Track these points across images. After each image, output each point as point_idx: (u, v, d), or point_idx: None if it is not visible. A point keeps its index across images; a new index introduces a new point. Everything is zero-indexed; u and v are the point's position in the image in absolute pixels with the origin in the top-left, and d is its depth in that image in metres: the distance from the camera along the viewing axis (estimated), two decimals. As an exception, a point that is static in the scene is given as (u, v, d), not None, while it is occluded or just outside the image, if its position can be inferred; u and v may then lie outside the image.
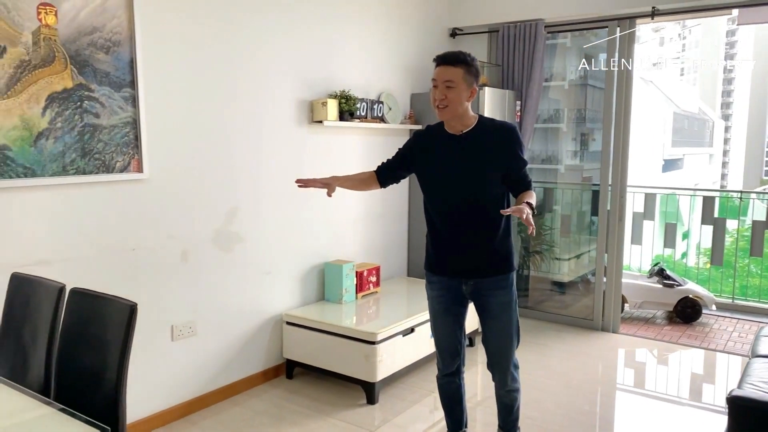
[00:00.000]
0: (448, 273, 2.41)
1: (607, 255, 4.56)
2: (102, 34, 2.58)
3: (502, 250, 2.37)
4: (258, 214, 3.39)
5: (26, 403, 1.46)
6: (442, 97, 2.21)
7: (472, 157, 2.28)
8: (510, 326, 2.41)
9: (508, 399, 2.54)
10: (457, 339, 2.51)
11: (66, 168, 2.50)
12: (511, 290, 2.40)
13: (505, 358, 2.45)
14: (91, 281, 2.54)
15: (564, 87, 5.57)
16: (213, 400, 3.22)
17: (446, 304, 2.46)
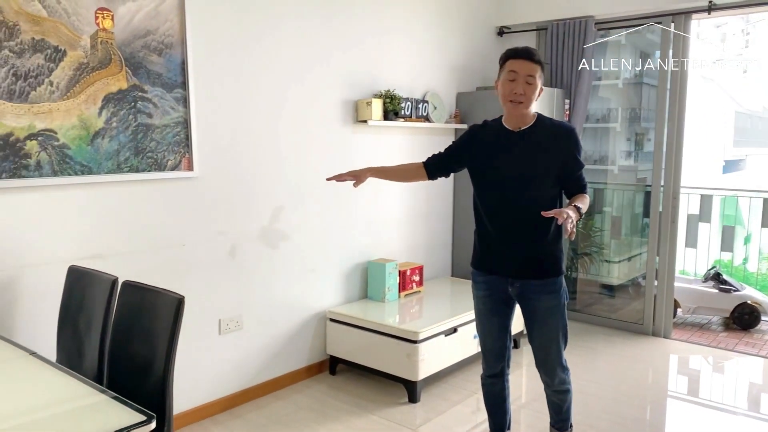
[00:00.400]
0: (495, 272, 2.38)
1: (659, 258, 4.42)
2: (155, 36, 2.67)
3: (552, 252, 2.33)
4: (303, 213, 3.44)
5: (82, 391, 1.53)
6: (522, 91, 2.19)
7: (529, 156, 2.26)
8: (556, 331, 2.37)
9: (556, 399, 2.51)
10: (501, 341, 2.49)
11: (120, 166, 2.60)
12: (559, 294, 2.35)
13: (552, 361, 2.41)
14: (143, 275, 2.63)
15: (618, 86, 5.43)
16: (257, 393, 3.29)
17: (492, 304, 2.44)
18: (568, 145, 2.27)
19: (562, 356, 2.42)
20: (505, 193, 2.30)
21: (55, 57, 2.36)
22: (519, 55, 2.21)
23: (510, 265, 2.34)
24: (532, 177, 2.26)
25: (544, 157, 2.26)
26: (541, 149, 2.26)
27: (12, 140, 2.27)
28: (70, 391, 1.55)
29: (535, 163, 2.26)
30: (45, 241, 2.41)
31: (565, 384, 2.47)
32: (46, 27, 2.33)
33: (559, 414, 2.54)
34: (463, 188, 4.55)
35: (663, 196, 4.36)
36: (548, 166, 2.26)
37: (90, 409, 1.44)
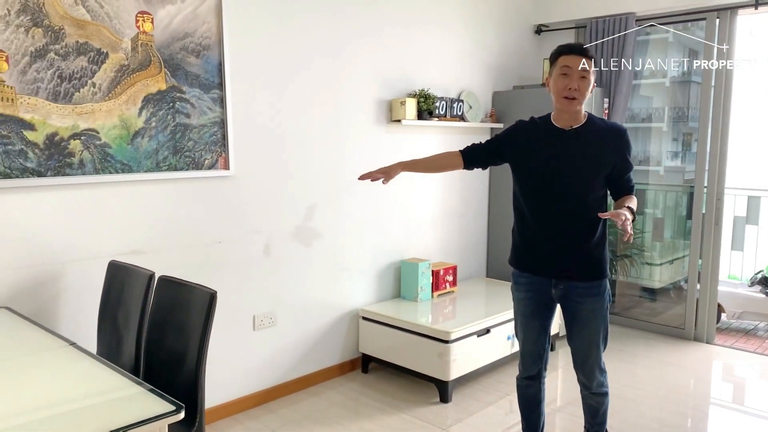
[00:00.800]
0: (538, 273, 2.35)
1: (702, 261, 4.29)
2: (193, 39, 2.74)
3: (598, 254, 2.28)
4: (336, 212, 3.48)
5: (115, 380, 1.58)
6: (576, 87, 2.16)
7: (579, 155, 2.23)
8: (597, 334, 2.34)
9: (593, 402, 2.47)
10: (540, 344, 2.46)
11: (159, 164, 2.68)
12: (602, 298, 2.31)
13: (591, 363, 2.38)
14: (180, 270, 2.71)
15: (665, 84, 5.29)
16: (290, 389, 3.33)
17: (533, 307, 2.40)
18: (620, 145, 2.25)
19: (602, 359, 2.38)
20: (552, 193, 2.26)
21: (97, 59, 2.45)
22: (573, 51, 2.19)
23: (554, 267, 2.30)
24: (581, 177, 2.23)
25: (595, 158, 2.23)
26: (593, 149, 2.23)
27: (57, 139, 2.36)
28: (103, 381, 1.60)
29: (585, 163, 2.23)
30: (87, 237, 2.50)
31: (603, 387, 2.44)
32: (90, 30, 2.42)
33: (595, 418, 2.50)
34: (499, 188, 4.51)
35: (706, 197, 4.23)
36: (598, 166, 2.23)
37: (121, 399, 1.49)
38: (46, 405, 1.46)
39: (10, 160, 2.25)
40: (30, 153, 2.30)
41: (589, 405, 2.49)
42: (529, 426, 2.59)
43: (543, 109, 4.15)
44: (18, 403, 1.47)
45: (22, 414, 1.41)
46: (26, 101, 2.27)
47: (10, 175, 2.26)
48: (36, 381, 1.61)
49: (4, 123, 2.23)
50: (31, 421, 1.37)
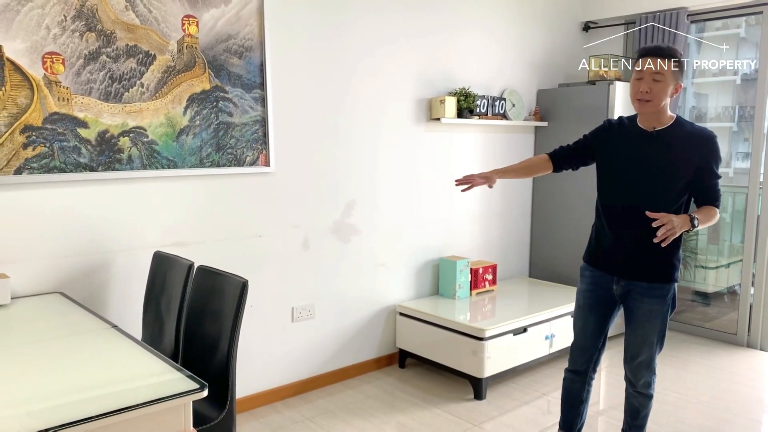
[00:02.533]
0: (602, 268, 2.39)
1: (756, 264, 4.12)
2: (236, 40, 2.86)
3: (666, 258, 2.26)
4: (375, 209, 3.54)
5: (150, 362, 1.69)
6: (647, 89, 2.16)
7: (659, 158, 2.22)
8: (653, 335, 2.32)
9: (636, 402, 2.46)
10: (593, 341, 2.46)
11: (203, 161, 2.81)
12: (664, 300, 2.29)
13: (642, 362, 2.38)
14: (222, 262, 2.84)
15: (736, 82, 5.10)
16: (327, 381, 3.42)
17: (592, 300, 2.43)
18: (705, 152, 2.20)
19: (654, 360, 2.37)
20: (626, 192, 2.28)
21: (145, 61, 2.60)
22: (647, 53, 2.19)
23: (619, 264, 2.33)
24: (657, 179, 2.23)
25: (676, 162, 2.20)
26: (674, 153, 2.21)
27: (107, 137, 2.52)
28: (136, 361, 1.71)
29: (663, 166, 2.22)
30: (134, 229, 2.66)
31: (650, 389, 2.43)
32: (139, 34, 2.57)
33: (635, 420, 2.48)
34: (544, 190, 4.47)
35: (762, 197, 4.06)
36: (678, 171, 2.20)
37: (150, 377, 1.59)
38: (76, 382, 1.57)
39: (65, 156, 2.42)
40: (83, 149, 2.47)
41: (632, 405, 2.47)
42: (566, 422, 2.59)
43: (588, 107, 4.11)
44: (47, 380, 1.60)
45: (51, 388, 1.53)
46: (80, 101, 2.44)
47: (65, 169, 2.43)
48: (71, 359, 1.74)
49: (60, 121, 2.40)
50: (55, 393, 1.49)
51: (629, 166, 2.28)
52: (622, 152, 2.31)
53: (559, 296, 3.87)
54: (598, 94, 4.08)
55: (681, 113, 4.91)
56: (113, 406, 1.38)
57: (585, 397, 2.55)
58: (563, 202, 4.34)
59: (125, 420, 1.40)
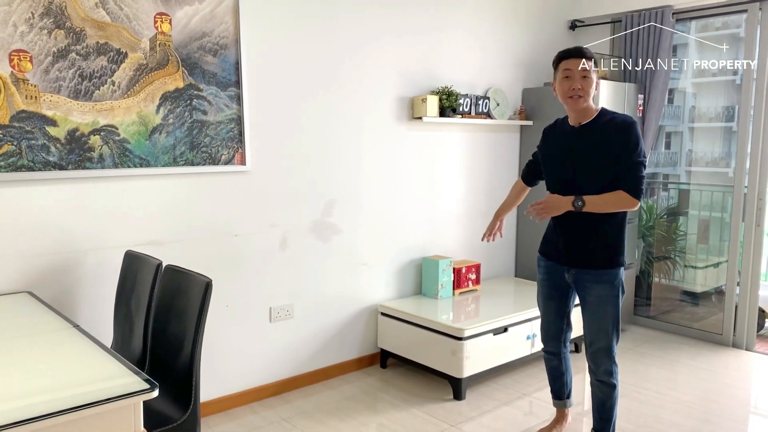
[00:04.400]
0: (554, 259, 2.59)
1: (741, 263, 4.09)
2: (210, 38, 2.85)
3: (609, 244, 2.43)
4: (356, 208, 3.52)
5: (105, 362, 1.67)
6: (579, 86, 2.34)
7: (586, 149, 2.40)
8: (606, 321, 2.47)
9: (600, 392, 2.56)
10: (557, 324, 2.70)
11: (176, 159, 2.79)
12: (612, 285, 2.44)
13: (599, 349, 2.50)
14: (196, 262, 2.83)
15: (736, 82, 5.08)
16: (307, 381, 3.40)
17: (549, 289, 2.65)
18: (620, 137, 2.33)
19: (612, 348, 2.49)
20: (564, 186, 2.45)
21: (117, 59, 2.58)
22: (572, 55, 2.39)
23: (567, 254, 2.52)
24: (589, 170, 2.39)
25: (602, 151, 2.36)
26: (599, 143, 2.37)
27: (77, 135, 2.50)
28: (91, 360, 1.69)
29: (591, 157, 2.39)
30: (106, 228, 2.64)
31: (611, 378, 2.52)
32: (110, 32, 2.55)
33: (602, 411, 2.57)
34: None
35: (746, 197, 4.03)
36: (605, 159, 2.35)
37: (102, 377, 1.57)
38: (27, 382, 1.55)
39: (34, 154, 2.41)
40: (52, 147, 2.45)
41: (596, 396, 2.57)
42: (554, 391, 2.87)
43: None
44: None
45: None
46: (49, 99, 2.42)
47: (34, 168, 2.41)
48: (27, 360, 1.72)
49: (28, 119, 2.38)
50: (3, 394, 1.47)
51: (562, 161, 2.47)
52: (555, 150, 2.53)
53: (543, 296, 3.85)
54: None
55: (680, 113, 4.90)
56: (61, 407, 1.36)
57: (564, 370, 2.80)
58: (548, 202, 4.32)
59: (73, 420, 1.38)
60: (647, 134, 4.32)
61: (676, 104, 5.08)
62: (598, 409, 2.58)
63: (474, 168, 4.15)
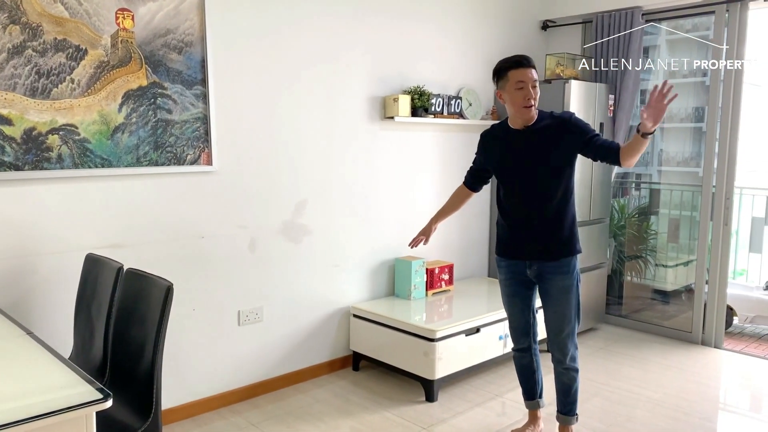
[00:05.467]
0: (514, 257, 2.65)
1: (710, 262, 4.14)
2: (175, 35, 2.77)
3: (564, 235, 2.55)
4: (327, 208, 3.47)
5: (58, 370, 1.60)
6: (533, 96, 2.44)
7: (534, 149, 2.50)
8: (569, 309, 2.58)
9: (566, 378, 2.68)
10: (525, 319, 2.74)
11: (140, 159, 2.72)
12: (571, 275, 2.56)
13: (565, 337, 2.61)
14: (161, 264, 2.76)
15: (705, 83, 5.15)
16: (277, 385, 3.34)
17: (514, 287, 2.71)
18: (571, 128, 2.47)
19: (575, 334, 2.62)
20: (518, 186, 2.57)
21: (76, 56, 2.50)
22: (522, 65, 2.44)
23: (527, 250, 2.60)
24: (538, 168, 2.50)
25: (551, 149, 2.48)
26: (547, 142, 2.48)
27: (34, 134, 2.42)
28: (43, 369, 1.62)
29: (541, 156, 2.49)
30: (65, 230, 2.55)
31: (575, 362, 2.66)
32: (68, 27, 2.47)
33: (567, 396, 2.70)
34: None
35: (714, 196, 4.08)
36: (555, 155, 2.48)
37: (54, 387, 1.51)
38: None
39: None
40: (7, 147, 2.36)
41: (562, 382, 2.69)
42: (525, 391, 2.87)
43: (545, 105, 4.08)
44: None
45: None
46: (3, 97, 2.33)
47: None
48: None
49: (-19, 118, 2.29)
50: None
51: (515, 162, 2.55)
52: (505, 153, 2.59)
53: (515, 296, 3.84)
54: (554, 93, 4.06)
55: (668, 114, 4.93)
56: (8, 419, 1.30)
57: (536, 367, 2.82)
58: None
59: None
60: (618, 134, 4.35)
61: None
62: (564, 394, 2.70)
63: (447, 168, 4.13)
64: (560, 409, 2.74)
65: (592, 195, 4.31)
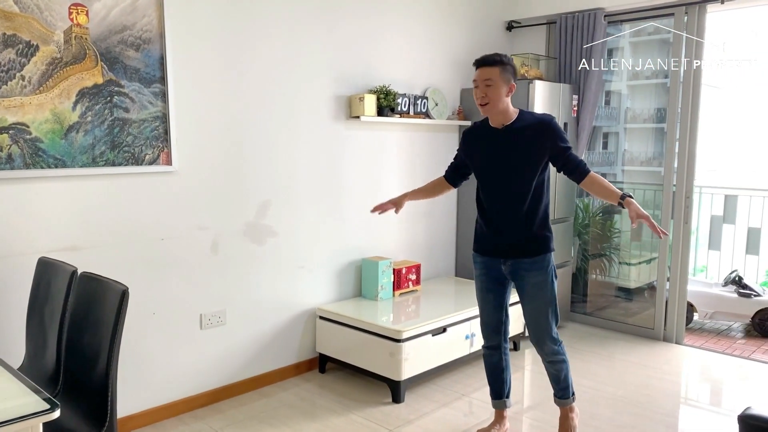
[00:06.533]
0: (490, 254, 2.68)
1: (671, 260, 4.22)
2: (132, 32, 2.70)
3: (539, 233, 2.59)
4: (292, 209, 3.42)
5: (15, 388, 1.53)
6: (483, 94, 2.48)
7: (511, 149, 2.53)
8: (545, 305, 2.62)
9: (552, 369, 2.75)
10: (497, 316, 2.76)
11: (96, 160, 2.63)
12: (546, 271, 2.60)
13: (542, 333, 2.65)
14: (119, 268, 2.68)
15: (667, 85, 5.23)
16: (242, 389, 3.28)
17: (488, 283, 2.73)
18: (548, 134, 2.51)
19: (553, 329, 2.66)
20: (495, 184, 2.60)
21: (26, 52, 2.40)
22: (476, 64, 2.52)
23: (503, 247, 2.63)
24: (516, 168, 2.54)
25: (526, 149, 2.52)
26: (523, 142, 2.52)
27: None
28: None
29: (517, 155, 2.53)
30: (16, 233, 2.45)
31: (559, 355, 2.70)
32: (18, 23, 2.37)
33: (558, 383, 2.77)
34: (467, 189, 4.44)
35: (675, 195, 4.16)
36: (530, 156, 2.52)
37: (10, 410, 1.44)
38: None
39: (-69, 154, 2.21)
40: (-48, 147, 2.25)
41: (551, 373, 2.77)
42: (493, 390, 2.88)
43: (513, 104, 4.11)
44: None
45: None
46: (-52, 94, 2.23)
47: (-69, 169, 2.21)
48: None
49: (-76, 116, 2.18)
50: None
51: (492, 160, 2.59)
52: (483, 151, 2.62)
53: (482, 295, 3.85)
54: (518, 93, 4.07)
55: (616, 114, 5.01)
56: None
57: (504, 366, 2.84)
58: (487, 201, 4.33)
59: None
60: (582, 134, 4.40)
61: (612, 106, 5.23)
62: (555, 382, 2.77)
63: (414, 168, 4.12)
64: (556, 393, 2.80)
65: (557, 194, 4.35)
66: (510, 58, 2.55)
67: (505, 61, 2.50)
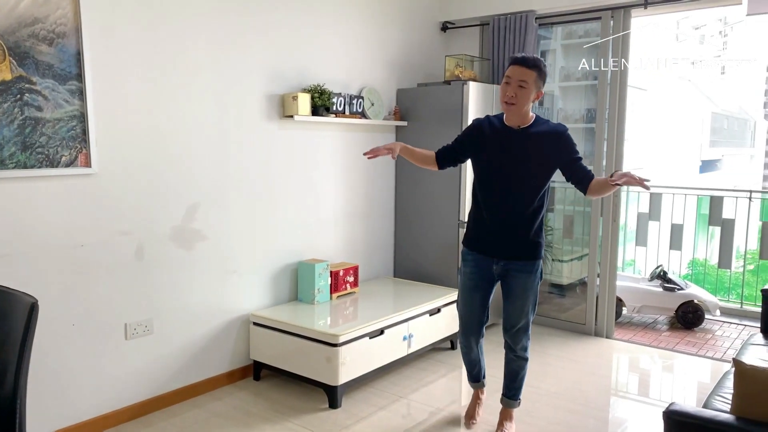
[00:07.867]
0: (483, 252, 2.69)
1: (600, 257, 4.35)
2: (44, 25, 2.52)
3: (535, 238, 2.63)
4: (223, 212, 3.31)
5: None
6: (513, 94, 2.47)
7: (524, 151, 2.55)
8: (527, 305, 2.70)
9: (515, 365, 2.81)
10: (479, 315, 2.81)
11: (4, 162, 2.45)
12: (535, 274, 2.67)
13: (519, 329, 2.73)
14: (32, 277, 2.51)
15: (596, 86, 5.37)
16: (172, 401, 3.14)
17: (476, 281, 2.75)
18: (560, 144, 2.55)
19: (529, 327, 2.76)
20: (501, 184, 2.60)
21: None
22: (515, 62, 2.50)
23: (499, 248, 2.66)
24: (526, 172, 2.56)
25: (538, 155, 2.54)
26: (536, 147, 2.54)
27: None
28: None
29: (529, 160, 2.55)
30: None
31: (526, 353, 2.79)
32: None
33: (513, 382, 2.84)
34: (405, 188, 4.44)
35: (604, 193, 4.28)
36: (541, 162, 2.55)
37: None
38: None
39: None
40: None
41: (512, 369, 2.82)
42: (472, 376, 3.02)
43: (444, 106, 4.13)
44: None
45: None
46: None
47: None
48: None
49: None
50: None
51: (501, 158, 2.58)
52: (493, 147, 2.60)
53: (420, 295, 3.85)
54: (453, 94, 4.10)
55: (549, 115, 5.13)
56: None
57: (480, 356, 2.95)
58: (425, 202, 4.34)
59: None
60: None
61: (545, 106, 5.34)
62: (512, 379, 2.83)
63: (350, 168, 4.08)
64: (505, 393, 2.87)
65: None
66: (546, 66, 2.56)
67: (543, 68, 2.51)
